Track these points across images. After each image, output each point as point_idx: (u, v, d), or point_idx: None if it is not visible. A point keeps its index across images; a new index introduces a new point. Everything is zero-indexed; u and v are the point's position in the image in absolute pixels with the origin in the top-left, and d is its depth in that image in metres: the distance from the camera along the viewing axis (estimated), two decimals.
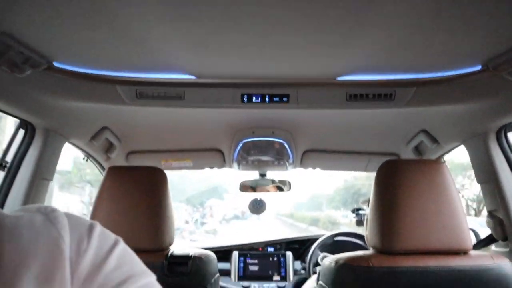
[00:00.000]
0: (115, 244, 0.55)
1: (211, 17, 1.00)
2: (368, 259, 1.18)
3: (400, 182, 1.23)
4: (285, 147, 2.09)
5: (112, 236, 0.56)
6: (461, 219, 1.21)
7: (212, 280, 1.46)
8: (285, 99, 1.53)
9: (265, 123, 1.92)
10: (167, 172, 1.52)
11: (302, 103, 1.54)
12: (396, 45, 1.16)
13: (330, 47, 1.18)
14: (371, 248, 1.33)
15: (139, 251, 1.37)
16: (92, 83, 1.43)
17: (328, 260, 1.31)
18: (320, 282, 1.34)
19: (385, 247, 1.20)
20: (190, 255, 1.40)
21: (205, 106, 1.58)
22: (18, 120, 1.55)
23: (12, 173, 1.54)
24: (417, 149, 2.06)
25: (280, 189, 2.56)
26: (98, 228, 0.55)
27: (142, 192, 1.41)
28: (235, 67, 1.38)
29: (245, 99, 1.54)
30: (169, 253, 1.40)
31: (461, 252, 1.20)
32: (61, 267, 0.49)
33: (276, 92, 1.52)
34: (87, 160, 2.10)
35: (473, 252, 1.23)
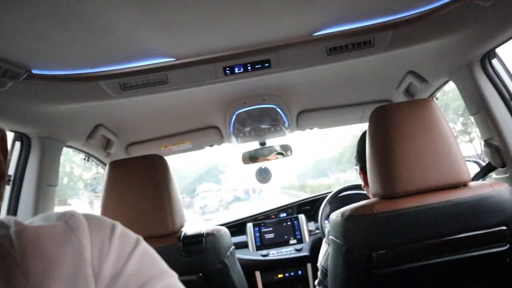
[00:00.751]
0: (135, 245, 0.56)
1: None
2: (371, 206, 1.20)
3: (392, 126, 1.25)
4: (278, 112, 2.11)
5: (132, 236, 0.58)
6: (457, 153, 1.23)
7: (228, 253, 1.51)
8: (266, 64, 1.53)
9: (254, 92, 1.93)
10: None
11: (284, 65, 1.54)
12: None
13: (303, 3, 1.17)
14: (371, 196, 1.36)
15: (153, 238, 1.42)
16: (75, 83, 1.44)
17: (335, 214, 1.34)
18: (331, 236, 1.38)
19: (387, 192, 1.23)
20: (202, 232, 1.44)
21: (189, 86, 1.58)
22: None
23: (17, 185, 1.58)
24: (408, 91, 2.06)
25: (282, 154, 2.58)
26: (119, 229, 0.56)
27: (145, 180, 1.44)
28: (212, 42, 1.37)
29: (228, 72, 1.54)
30: (182, 234, 1.44)
31: (461, 185, 1.22)
32: (84, 274, 0.50)
33: (257, 59, 1.52)
34: (88, 160, 2.13)
35: (472, 183, 1.25)
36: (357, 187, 2.61)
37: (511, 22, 1.25)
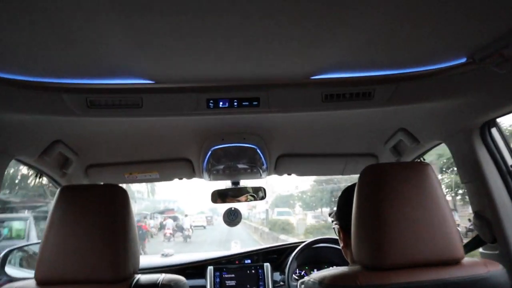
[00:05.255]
0: None
1: (167, 13, 0.89)
2: (355, 277, 1.06)
3: (386, 189, 1.12)
4: (257, 152, 1.98)
5: None
6: (451, 226, 1.11)
7: None
8: (255, 103, 1.42)
9: (235, 129, 1.82)
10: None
11: (274, 106, 1.44)
12: (375, 40, 1.08)
13: (303, 44, 1.09)
14: (349, 262, 1.25)
15: (98, 283, 1.20)
16: (35, 93, 1.29)
17: (311, 280, 1.19)
18: None
19: (373, 262, 1.09)
20: (158, 282, 1.25)
21: (166, 114, 1.46)
22: None
23: None
24: (396, 149, 2.00)
25: (254, 197, 2.44)
26: None
27: (100, 214, 1.24)
28: (198, 70, 1.26)
29: (211, 105, 1.42)
30: (134, 281, 1.24)
31: (454, 262, 1.11)
32: None
33: (245, 96, 1.42)
34: (39, 178, 1.90)
35: (465, 261, 1.13)
36: (332, 240, 2.47)
37: None
